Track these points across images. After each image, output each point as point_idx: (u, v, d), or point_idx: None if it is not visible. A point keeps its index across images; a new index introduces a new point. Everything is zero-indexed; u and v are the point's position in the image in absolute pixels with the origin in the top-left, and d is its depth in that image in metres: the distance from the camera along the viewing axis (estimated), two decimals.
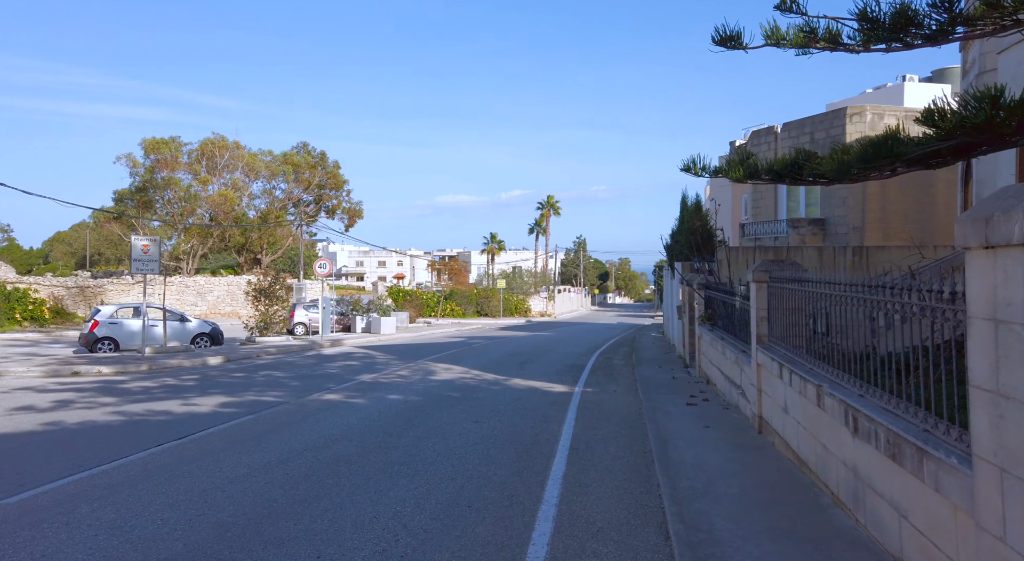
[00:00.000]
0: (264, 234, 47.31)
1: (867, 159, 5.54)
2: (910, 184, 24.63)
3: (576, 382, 14.38)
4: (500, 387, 13.46)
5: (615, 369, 17.18)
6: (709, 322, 13.43)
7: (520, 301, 64.27)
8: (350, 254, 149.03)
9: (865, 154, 5.55)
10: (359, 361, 18.95)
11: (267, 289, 26.13)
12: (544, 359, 19.65)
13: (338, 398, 11.89)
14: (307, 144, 49.75)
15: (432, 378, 14.90)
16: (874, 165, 5.66)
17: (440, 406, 11.03)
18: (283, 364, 18.21)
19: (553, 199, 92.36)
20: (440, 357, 20.02)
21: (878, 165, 5.65)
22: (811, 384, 5.91)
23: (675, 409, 10.28)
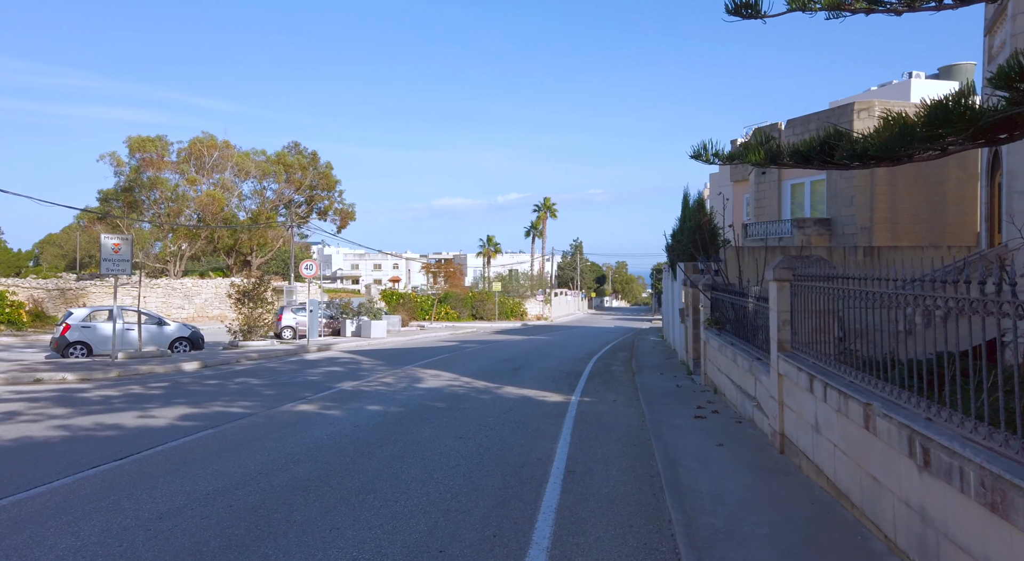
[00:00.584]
0: (254, 235, 46.23)
1: (935, 122, 4.54)
2: (919, 182, 23.73)
3: (573, 391, 13.36)
4: (491, 396, 12.44)
5: (614, 376, 16.16)
6: (716, 326, 12.43)
7: (516, 304, 63.25)
8: (345, 257, 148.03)
9: (933, 116, 4.55)
10: (343, 367, 17.91)
11: (251, 292, 25.09)
12: (539, 365, 18.63)
13: (312, 409, 10.85)
14: (299, 144, 48.76)
15: (418, 386, 13.87)
16: (945, 131, 4.66)
17: (422, 419, 10.00)
18: (262, 370, 17.16)
19: (550, 201, 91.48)
20: (429, 362, 18.98)
21: (952, 130, 4.64)
22: (855, 401, 4.90)
23: (682, 422, 9.27)
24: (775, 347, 7.36)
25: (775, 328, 7.35)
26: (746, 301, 9.89)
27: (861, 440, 4.83)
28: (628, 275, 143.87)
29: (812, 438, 6.12)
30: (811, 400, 6.10)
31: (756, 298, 9.11)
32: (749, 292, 9.79)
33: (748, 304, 9.72)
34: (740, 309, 10.49)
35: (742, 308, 10.36)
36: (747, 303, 9.83)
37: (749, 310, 9.75)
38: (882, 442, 4.42)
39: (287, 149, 48.24)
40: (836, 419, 5.40)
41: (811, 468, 6.17)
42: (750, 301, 9.57)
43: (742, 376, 9.67)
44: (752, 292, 9.49)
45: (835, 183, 24.38)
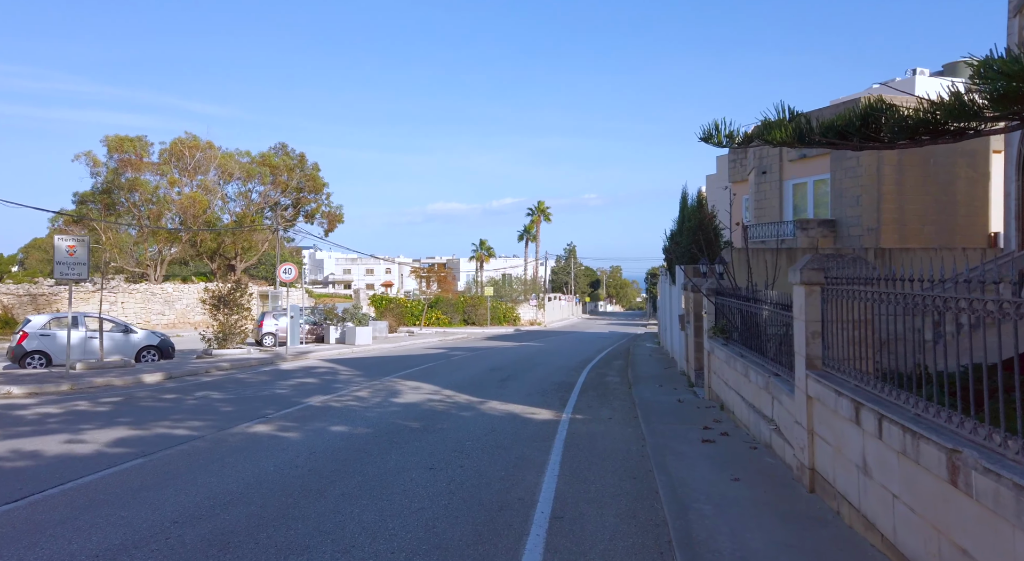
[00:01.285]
0: (238, 239, 44.86)
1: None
2: (928, 182, 22.66)
3: (564, 406, 12.12)
4: (472, 413, 11.19)
5: (609, 388, 14.94)
6: (722, 335, 11.23)
7: (509, 309, 62.01)
8: (337, 262, 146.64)
9: None
10: (318, 378, 16.62)
11: (227, 297, 23.75)
12: (529, 375, 17.38)
13: (268, 431, 9.58)
14: (286, 145, 47.45)
15: (394, 401, 12.60)
16: None
17: (391, 442, 8.74)
18: (230, 382, 15.86)
19: (543, 205, 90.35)
20: (411, 373, 17.72)
21: None
22: (931, 444, 3.69)
23: (688, 448, 8.04)
24: (802, 364, 6.15)
25: (802, 341, 6.14)
26: (759, 308, 8.70)
27: (942, 497, 3.62)
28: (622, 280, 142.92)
29: (858, 481, 4.90)
30: (856, 433, 4.89)
31: (773, 304, 7.91)
32: (763, 297, 8.60)
33: (762, 311, 8.53)
34: (751, 317, 9.30)
35: (753, 316, 9.18)
36: (760, 310, 8.63)
37: (763, 318, 8.56)
38: (982, 506, 3.20)
39: (273, 150, 46.96)
40: (897, 463, 4.18)
41: (857, 519, 4.95)
42: (764, 308, 8.37)
43: (755, 393, 8.47)
44: (768, 298, 8.30)
45: (840, 182, 23.29)
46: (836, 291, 5.64)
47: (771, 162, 26.11)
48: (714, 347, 11.50)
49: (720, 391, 11.11)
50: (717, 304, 11.56)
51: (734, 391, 9.83)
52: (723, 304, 11.10)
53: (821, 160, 24.32)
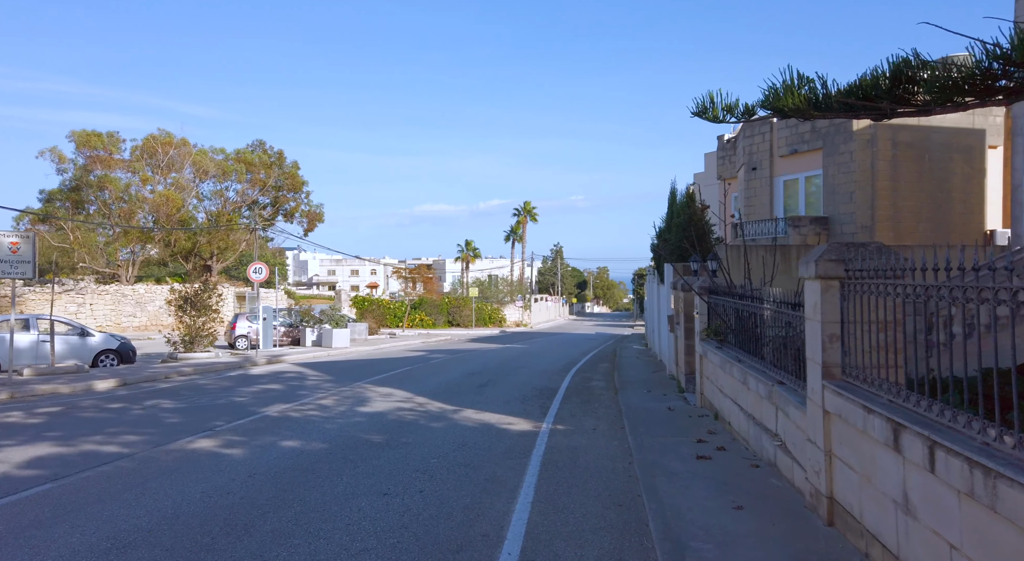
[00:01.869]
0: (214, 238, 43.48)
1: None
2: (924, 178, 21.95)
3: (544, 415, 11.14)
4: (443, 424, 10.18)
5: (594, 394, 13.98)
6: (716, 337, 10.30)
7: (494, 310, 61.05)
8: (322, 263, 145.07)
9: None
10: (283, 384, 15.53)
11: (194, 297, 22.57)
12: (510, 380, 16.39)
13: (210, 447, 8.51)
14: (263, 142, 46.13)
15: (360, 410, 11.56)
16: None
17: (346, 461, 7.71)
18: (187, 389, 14.73)
19: (530, 205, 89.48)
20: (385, 377, 16.66)
21: None
22: (1013, 485, 2.75)
23: (681, 466, 7.08)
24: (817, 372, 5.21)
25: (817, 345, 5.20)
26: (758, 308, 7.77)
27: None
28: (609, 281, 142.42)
29: (897, 520, 3.96)
30: (894, 461, 3.95)
31: (777, 303, 6.97)
32: (763, 296, 7.67)
33: (762, 312, 7.60)
34: (749, 317, 8.37)
35: (752, 316, 8.25)
36: (760, 310, 7.71)
37: (764, 319, 7.63)
38: None
39: (250, 147, 45.63)
40: (959, 505, 3.24)
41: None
42: (766, 308, 7.44)
43: (756, 403, 7.53)
44: (770, 296, 7.36)
45: (832, 178, 22.53)
46: (859, 286, 4.71)
47: (761, 158, 25.33)
48: (707, 350, 10.57)
49: (714, 398, 10.18)
50: (710, 304, 10.64)
51: (730, 399, 8.90)
52: (717, 304, 10.18)
53: (813, 156, 23.57)
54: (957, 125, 22.12)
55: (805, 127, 23.47)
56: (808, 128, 23.31)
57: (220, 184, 44.63)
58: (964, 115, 22.18)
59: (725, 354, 9.29)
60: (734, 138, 29.52)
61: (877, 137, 21.51)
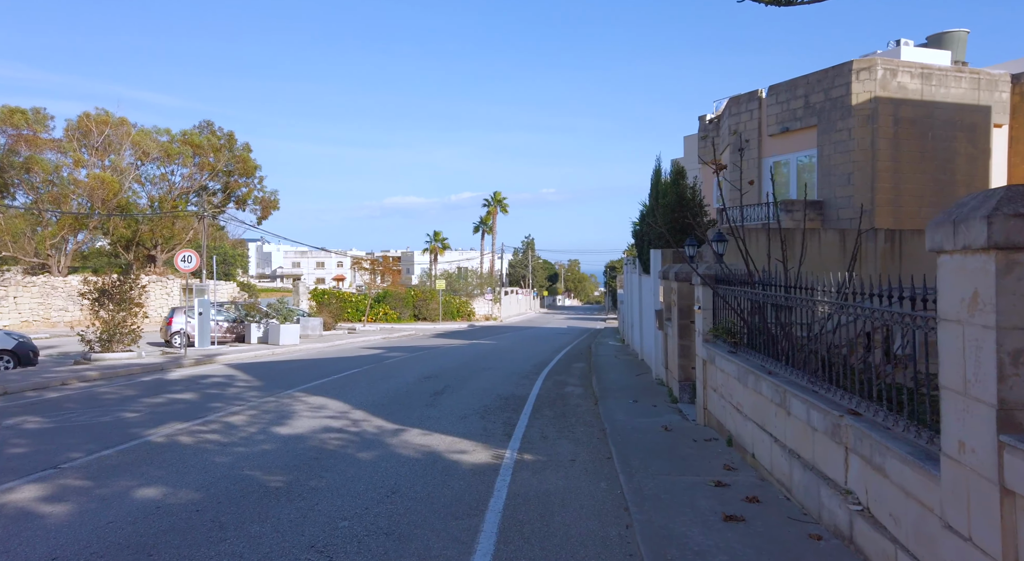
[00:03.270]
0: (158, 226, 40.20)
1: None
2: (926, 159, 20.08)
3: (508, 436, 8.80)
4: (375, 454, 7.77)
5: (570, 405, 11.68)
6: (728, 339, 8.05)
7: (463, 304, 58.59)
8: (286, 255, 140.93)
9: None
10: (198, 393, 12.93)
11: (112, 290, 19.71)
12: (472, 385, 14.02)
13: (27, 499, 5.97)
14: (212, 123, 42.82)
15: (274, 433, 9.07)
16: None
17: (214, 526, 5.26)
18: (75, 401, 12.05)
19: (500, 195, 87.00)
20: (325, 383, 14.15)
21: None
22: None
23: (707, 538, 4.79)
24: (986, 417, 2.94)
25: (981, 368, 2.92)
26: (806, 302, 5.52)
27: None
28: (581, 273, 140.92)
29: None
30: None
31: (862, 297, 4.70)
32: (813, 285, 5.41)
33: (816, 308, 5.34)
34: (786, 315, 6.12)
35: (788, 313, 6.01)
36: (810, 305, 5.45)
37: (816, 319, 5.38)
38: None
39: (198, 129, 42.34)
40: None
41: None
42: (823, 302, 5.18)
43: (804, 438, 5.29)
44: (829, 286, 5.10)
45: (828, 159, 20.54)
46: None
47: (749, 137, 23.26)
48: (715, 355, 8.31)
49: (726, 418, 7.93)
50: (720, 296, 8.38)
51: (755, 424, 6.65)
52: (730, 296, 7.92)
53: (806, 134, 21.55)
54: (961, 101, 20.29)
55: (798, 103, 21.45)
56: (801, 104, 21.30)
57: (164, 167, 41.32)
58: (969, 89, 20.37)
59: (744, 362, 7.04)
60: (717, 117, 27.47)
61: (878, 112, 19.57)
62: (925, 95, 20.00)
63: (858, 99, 19.64)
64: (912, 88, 19.80)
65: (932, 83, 20.06)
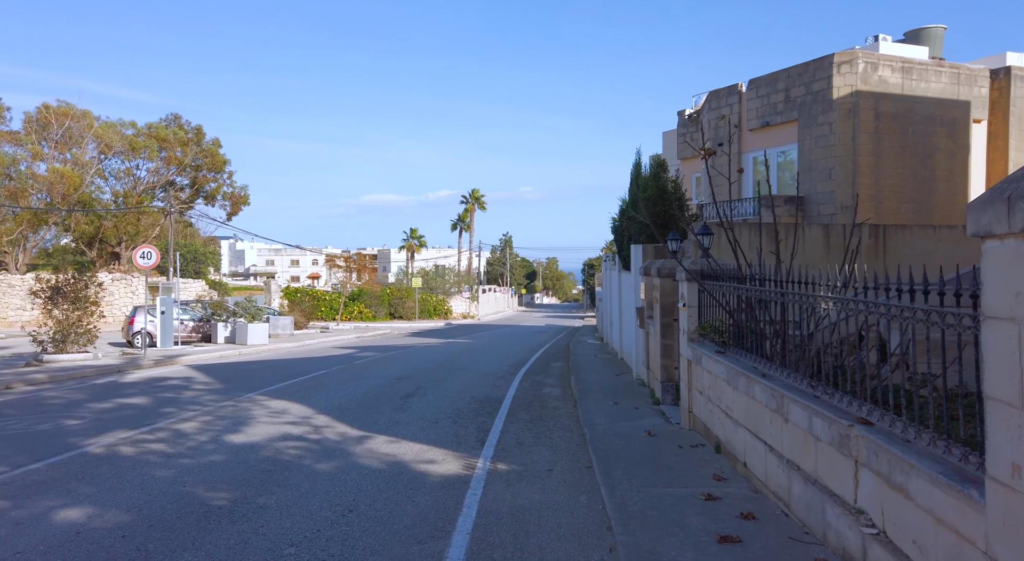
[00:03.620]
0: (122, 222, 38.85)
1: None
2: (906, 154, 19.87)
3: (482, 444, 8.20)
4: (335, 465, 7.12)
5: (548, 407, 11.11)
6: (715, 338, 7.54)
7: (440, 302, 57.78)
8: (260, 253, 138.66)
9: None
10: (151, 397, 12.13)
11: (65, 287, 18.73)
12: (446, 386, 13.39)
13: None
14: (179, 117, 41.55)
15: (226, 441, 8.37)
16: None
17: (138, 556, 4.59)
18: (17, 406, 11.19)
19: (478, 193, 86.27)
20: (289, 385, 13.42)
21: None
22: None
23: (695, 559, 4.24)
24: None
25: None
26: (806, 298, 5.01)
27: None
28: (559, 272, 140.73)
29: None
30: None
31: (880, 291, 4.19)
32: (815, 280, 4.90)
33: (818, 304, 4.82)
34: (781, 312, 5.61)
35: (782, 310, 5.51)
36: (812, 301, 4.94)
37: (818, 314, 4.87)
38: None
39: (164, 122, 41.03)
40: None
41: None
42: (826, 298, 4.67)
43: (805, 448, 4.77)
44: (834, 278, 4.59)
45: (809, 154, 20.25)
46: None
47: (728, 133, 22.94)
48: (701, 356, 7.80)
49: (713, 422, 7.42)
50: (706, 292, 7.87)
51: (746, 430, 6.14)
52: (719, 293, 7.41)
53: (787, 129, 21.24)
54: (941, 96, 20.11)
55: (779, 97, 21.14)
56: (782, 98, 20.98)
57: (129, 162, 39.95)
58: (949, 84, 20.20)
59: (734, 363, 6.53)
60: (697, 112, 27.13)
61: (859, 107, 19.30)
62: (906, 89, 19.78)
63: (839, 93, 19.35)
64: (893, 82, 19.57)
65: (913, 77, 19.85)
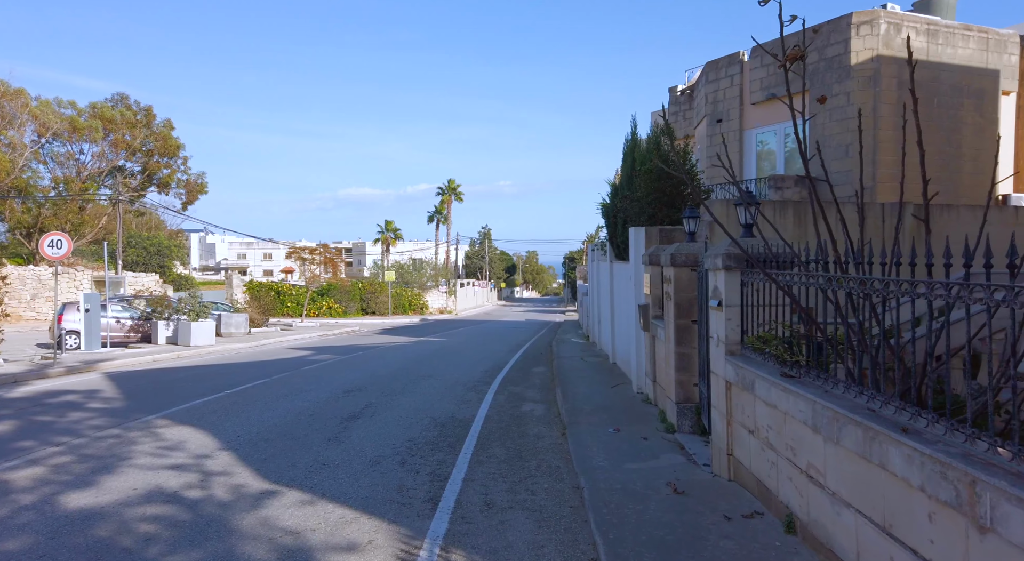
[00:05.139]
0: (64, 211, 35.59)
1: None
2: (930, 129, 17.56)
3: (435, 503, 5.65)
4: (203, 556, 4.53)
5: (530, 435, 8.57)
6: (779, 355, 5.05)
7: (415, 296, 55.00)
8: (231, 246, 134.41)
9: None
10: (20, 422, 9.38)
11: None
12: (402, 403, 10.80)
13: None
14: (127, 96, 38.17)
15: (60, 506, 5.72)
16: None
17: None
18: None
19: (454, 183, 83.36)
20: (206, 404, 10.73)
21: None
22: None
23: None
24: None
25: None
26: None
27: None
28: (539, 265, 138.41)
29: None
30: None
31: None
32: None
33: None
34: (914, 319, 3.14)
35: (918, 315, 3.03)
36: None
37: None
38: None
39: (110, 102, 37.69)
40: None
41: None
42: None
43: None
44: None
45: (822, 128, 17.87)
46: None
47: (728, 107, 20.52)
48: (754, 379, 5.30)
49: (776, 479, 4.93)
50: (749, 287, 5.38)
51: (864, 518, 3.66)
52: (792, 286, 4.92)
53: (796, 101, 18.95)
54: (968, 63, 17.85)
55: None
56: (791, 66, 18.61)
57: (72, 145, 36.57)
58: (977, 50, 17.96)
59: (826, 400, 4.05)
60: (690, 88, 24.70)
61: (880, 73, 16.97)
62: (931, 55, 17.49)
63: (858, 58, 17.00)
64: (917, 46, 17.26)
65: (939, 42, 17.57)
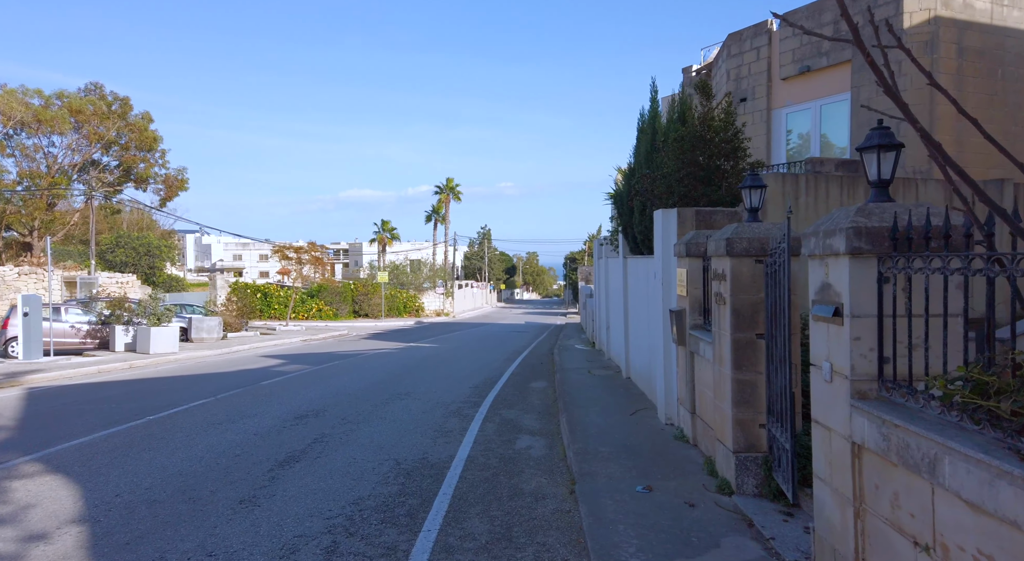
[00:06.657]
0: (31, 207, 33.24)
1: None
2: (994, 104, 15.14)
3: None
4: None
5: (525, 493, 6.13)
6: (993, 406, 2.64)
7: (411, 298, 52.58)
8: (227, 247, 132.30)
9: None
10: None
11: None
12: (362, 435, 8.37)
13: None
14: (101, 86, 35.83)
15: None
16: None
17: None
18: None
19: (452, 182, 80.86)
20: (109, 436, 8.31)
21: None
22: None
23: None
24: None
25: None
26: None
27: None
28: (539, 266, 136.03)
29: None
30: None
31: None
32: None
33: None
34: None
35: None
36: None
37: None
38: None
39: (82, 92, 35.33)
40: None
41: None
42: None
43: None
44: None
45: (868, 104, 15.44)
46: None
47: (754, 83, 18.05)
48: (943, 455, 2.87)
49: None
50: (921, 288, 2.99)
51: None
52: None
53: (834, 74, 16.40)
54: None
55: (827, 29, 16.30)
56: (831, 29, 16.16)
57: (39, 137, 34.20)
58: None
59: None
60: (708, 66, 22.26)
61: (938, 38, 14.53)
62: (995, 18, 15.09)
63: (912, 20, 14.58)
64: (980, 7, 14.87)
65: (1004, 2, 15.19)
